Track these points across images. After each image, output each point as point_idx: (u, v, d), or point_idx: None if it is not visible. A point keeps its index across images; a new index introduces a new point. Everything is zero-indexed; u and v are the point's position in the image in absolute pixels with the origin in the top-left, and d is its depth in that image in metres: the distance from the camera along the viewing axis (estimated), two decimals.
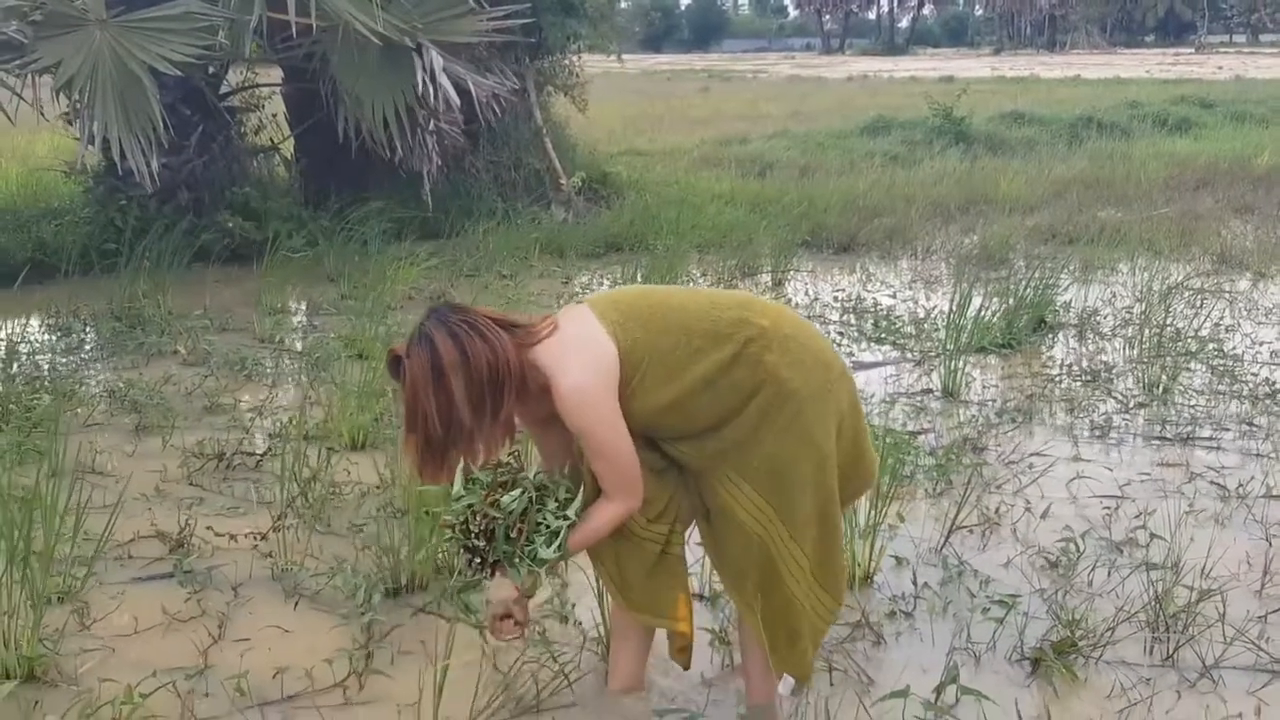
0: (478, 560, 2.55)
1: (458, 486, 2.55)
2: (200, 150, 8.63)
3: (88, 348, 6.29)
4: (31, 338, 6.47)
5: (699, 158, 13.90)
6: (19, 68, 7.22)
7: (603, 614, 3.13)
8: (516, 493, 2.52)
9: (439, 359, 2.42)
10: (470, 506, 2.52)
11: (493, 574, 2.56)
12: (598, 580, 3.09)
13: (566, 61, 11.21)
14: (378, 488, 4.23)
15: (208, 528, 3.85)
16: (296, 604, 3.43)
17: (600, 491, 2.57)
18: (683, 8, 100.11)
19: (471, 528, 2.51)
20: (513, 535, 2.50)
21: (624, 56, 16.08)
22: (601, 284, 7.92)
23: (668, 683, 3.03)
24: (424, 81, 7.90)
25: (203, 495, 4.24)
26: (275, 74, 10.26)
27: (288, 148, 10.40)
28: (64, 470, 4.07)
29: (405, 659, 3.16)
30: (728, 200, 10.38)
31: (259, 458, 4.60)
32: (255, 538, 3.82)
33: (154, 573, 3.63)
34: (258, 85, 10.22)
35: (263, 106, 10.36)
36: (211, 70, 8.83)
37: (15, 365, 5.76)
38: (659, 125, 18.01)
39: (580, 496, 2.56)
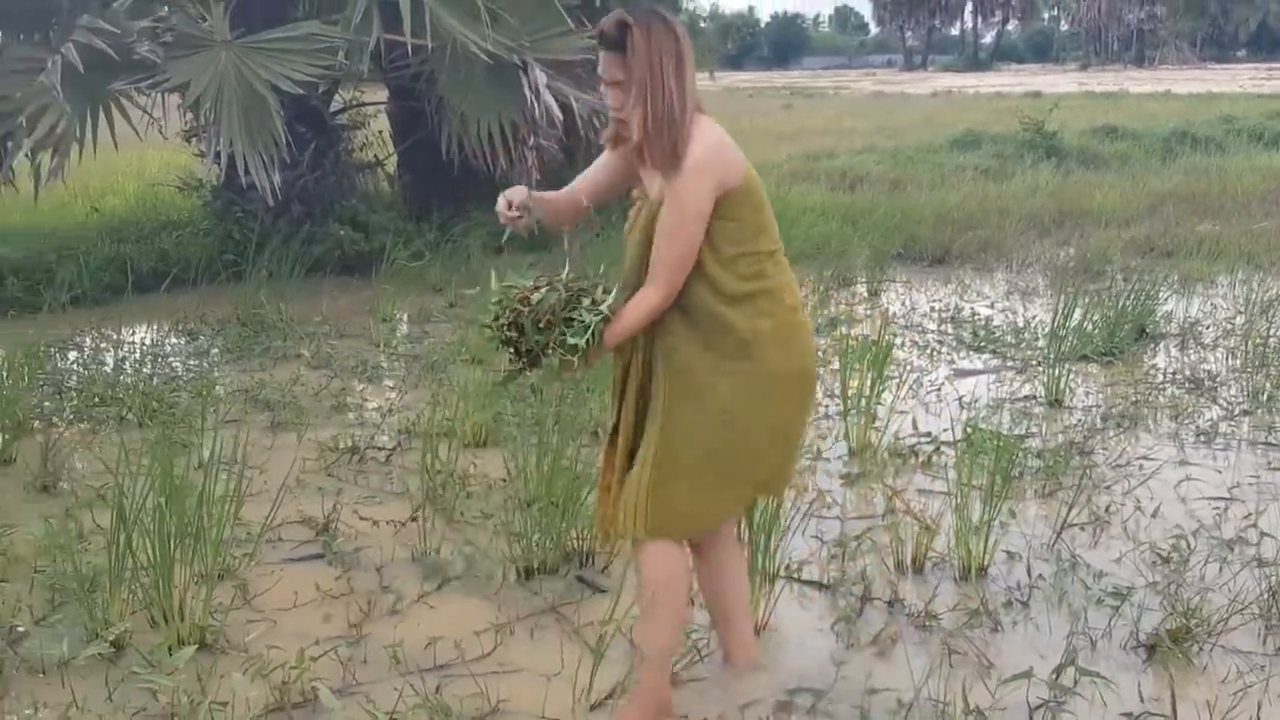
0: (513, 352, 2.63)
1: (495, 289, 2.68)
2: (313, 165, 9.00)
3: (215, 351, 6.62)
4: (163, 342, 6.82)
5: (788, 172, 14.02)
6: (150, 87, 7.62)
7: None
8: (544, 289, 2.62)
9: (683, 46, 2.60)
10: (501, 302, 2.62)
11: (531, 365, 2.65)
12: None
13: None
14: (503, 480, 4.45)
15: (354, 512, 4.10)
16: (440, 585, 3.65)
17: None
18: (763, 25, 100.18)
19: (501, 320, 2.60)
20: (541, 326, 2.57)
21: (702, 74, 16.31)
22: None
23: (797, 661, 3.19)
24: (529, 98, 8.16)
25: (340, 486, 4.49)
26: (381, 93, 10.64)
27: (391, 163, 10.77)
28: (213, 461, 4.34)
29: (543, 634, 3.36)
30: (820, 213, 10.50)
31: (388, 452, 4.85)
32: (395, 525, 4.06)
33: (304, 554, 3.88)
34: (365, 103, 10.60)
35: (368, 124, 10.76)
36: (324, 89, 9.20)
37: (151, 366, 6.10)
38: (744, 141, 17.91)
39: (615, 293, 2.64)
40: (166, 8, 8.10)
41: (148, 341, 6.74)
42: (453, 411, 4.96)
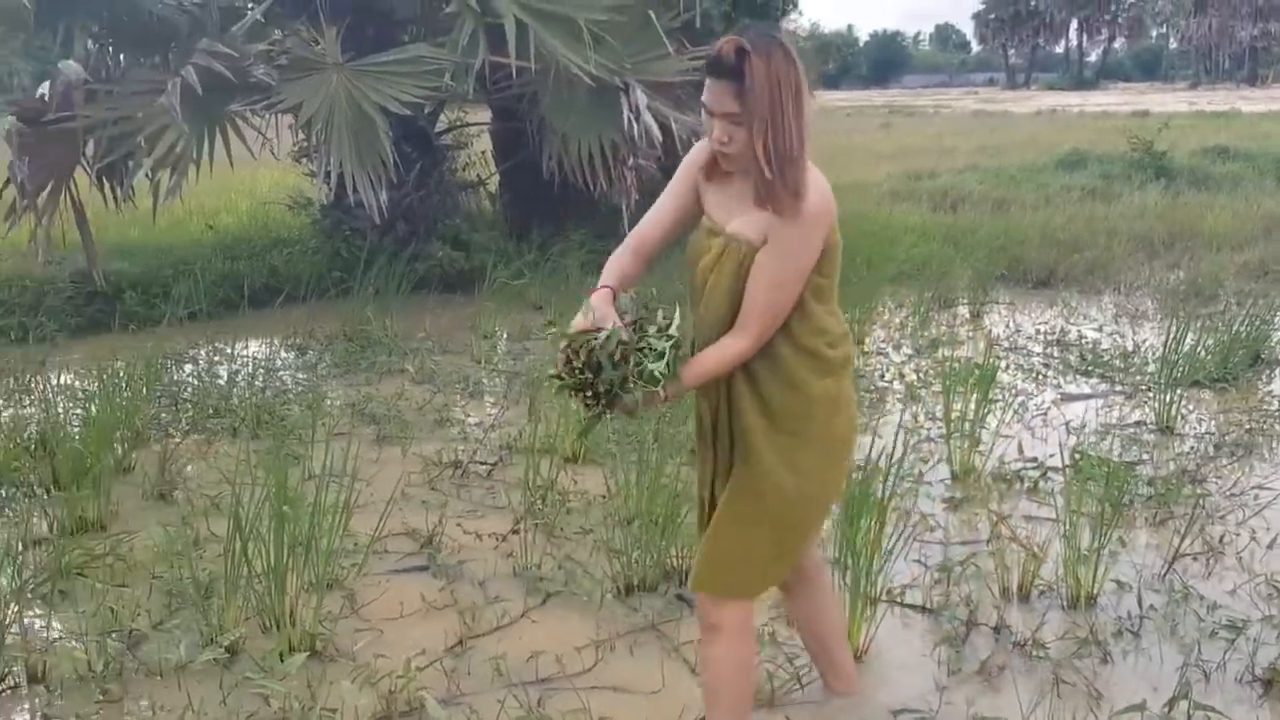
0: (590, 395, 2.44)
1: (555, 335, 2.52)
2: (418, 185, 9.19)
3: (323, 366, 6.79)
4: (273, 356, 7.02)
5: (887, 191, 13.91)
6: (264, 108, 7.85)
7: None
8: (609, 326, 2.41)
9: (802, 76, 2.36)
10: (569, 345, 2.44)
11: (610, 407, 2.45)
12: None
13: None
14: (602, 497, 4.48)
15: (457, 525, 4.18)
16: (545, 600, 3.69)
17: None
18: (861, 44, 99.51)
19: (574, 364, 2.41)
20: (616, 361, 2.39)
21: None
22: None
23: (900, 686, 3.16)
24: (629, 119, 8.23)
25: (444, 499, 4.57)
26: (484, 114, 10.82)
27: (493, 183, 10.95)
28: (324, 473, 4.45)
29: (643, 651, 3.38)
30: (920, 233, 10.39)
31: (490, 467, 4.93)
32: (497, 538, 4.12)
33: (409, 565, 3.95)
34: (469, 124, 10.80)
35: (471, 144, 10.95)
36: (429, 110, 9.40)
37: (262, 380, 6.28)
38: (843, 160, 18.03)
39: (678, 316, 2.47)
40: (281, 32, 8.35)
41: (259, 355, 6.94)
42: (552, 428, 5.02)
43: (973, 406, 5.01)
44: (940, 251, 9.62)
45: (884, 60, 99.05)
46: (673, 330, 2.45)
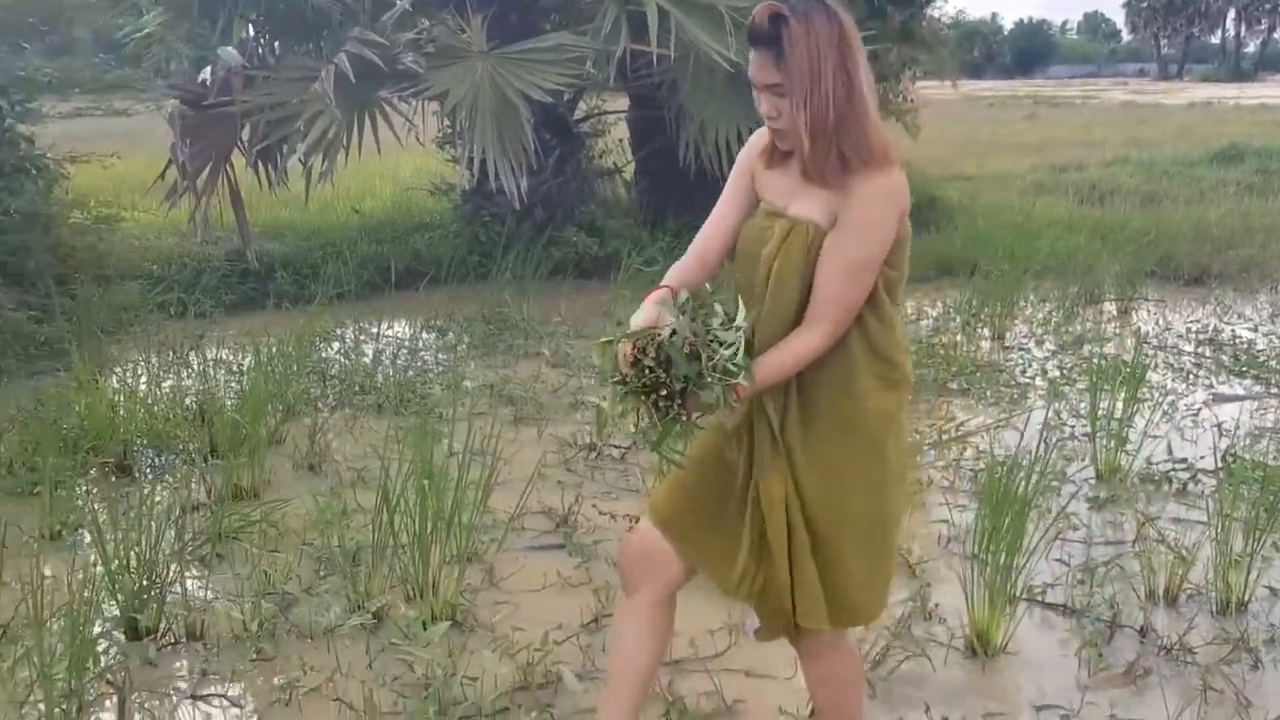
0: (664, 395, 2.15)
1: (614, 337, 2.23)
2: (556, 172, 9.31)
3: (463, 347, 6.95)
4: (416, 337, 7.21)
5: (1031, 183, 13.56)
6: (412, 95, 8.05)
7: (970, 611, 3.25)
8: (671, 320, 2.18)
9: (850, 35, 2.17)
10: (636, 344, 2.16)
11: (684, 406, 2.17)
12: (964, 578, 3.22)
13: (901, 87, 11.26)
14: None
15: (593, 506, 4.25)
16: None
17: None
18: (1005, 32, 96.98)
19: (644, 362, 2.14)
20: (689, 355, 2.13)
21: (946, 83, 15.93)
22: (935, 306, 7.93)
23: (1040, 684, 3.10)
24: None
25: (579, 480, 4.64)
26: (621, 101, 10.91)
27: (629, 170, 11.03)
28: (465, 451, 4.57)
29: None
30: (1066, 226, 10.11)
31: (624, 450, 4.98)
32: (631, 520, 4.17)
33: (546, 543, 4.04)
34: (607, 111, 10.89)
35: (609, 131, 11.04)
36: (569, 97, 9.51)
37: (406, 359, 6.46)
38: (985, 151, 17.65)
39: (742, 307, 2.23)
40: (429, 20, 8.54)
41: (402, 336, 7.14)
42: None
43: (1120, 405, 4.86)
44: (1086, 246, 9.34)
45: (1029, 49, 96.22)
46: (739, 320, 2.20)
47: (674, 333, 2.13)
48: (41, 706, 2.90)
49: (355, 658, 3.26)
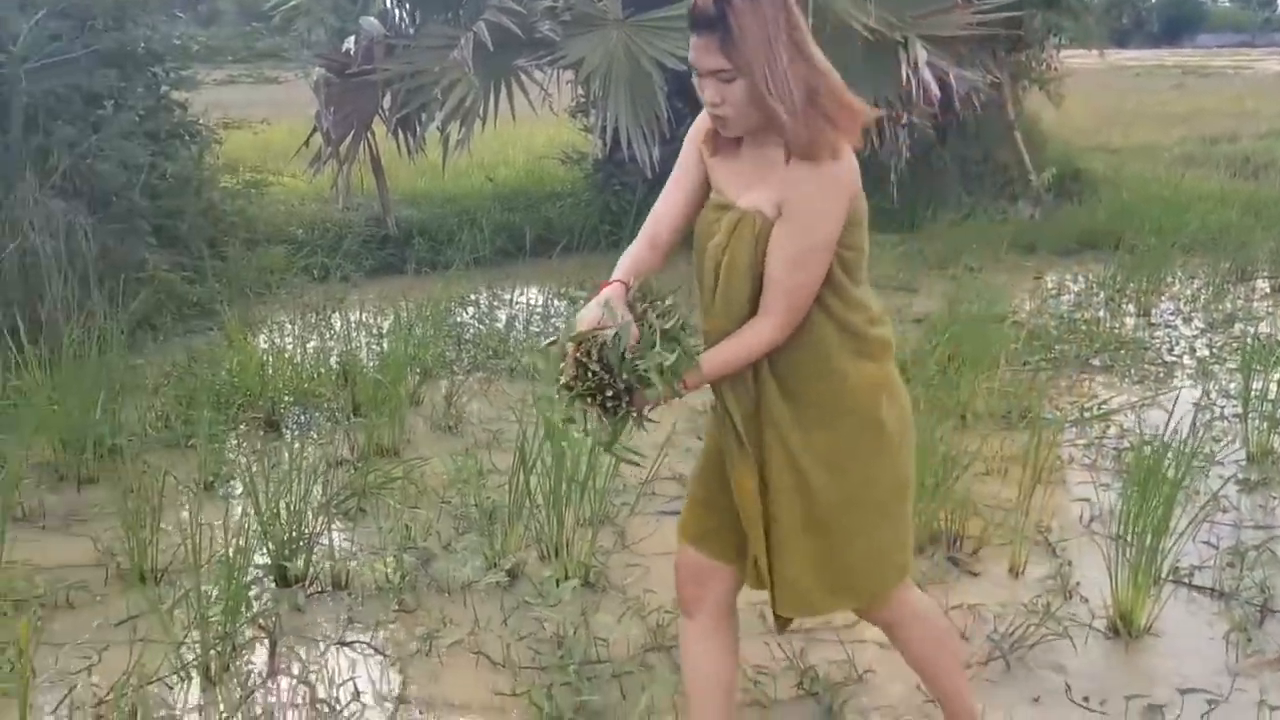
0: (610, 395, 2.12)
1: (553, 350, 2.21)
2: None
3: None
4: (547, 303, 7.30)
5: (1179, 155, 13.04)
6: (548, 63, 8.13)
7: (1113, 591, 3.17)
8: (618, 320, 2.13)
9: (794, 13, 2.11)
10: (579, 348, 2.13)
11: (632, 403, 2.15)
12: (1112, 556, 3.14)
13: (1045, 55, 10.92)
14: None
15: None
16: None
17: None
18: (1154, 0, 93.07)
19: (589, 365, 2.10)
20: (627, 356, 2.11)
21: (1091, 51, 15.33)
22: (1076, 282, 7.70)
23: (1186, 666, 3.02)
24: (907, 75, 8.04)
25: None
26: None
27: None
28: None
29: None
30: (1218, 200, 9.69)
31: None
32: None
33: (675, 509, 4.04)
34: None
35: None
36: None
37: (539, 325, 6.56)
38: (1131, 121, 17.02)
39: (671, 297, 2.21)
40: None
41: (535, 302, 7.24)
42: None
43: (1274, 386, 4.67)
44: (1239, 221, 8.96)
45: (1178, 18, 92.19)
46: (668, 302, 2.18)
47: (616, 335, 2.10)
48: (198, 648, 3.05)
49: (492, 613, 3.34)
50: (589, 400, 2.14)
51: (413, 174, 10.31)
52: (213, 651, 3.04)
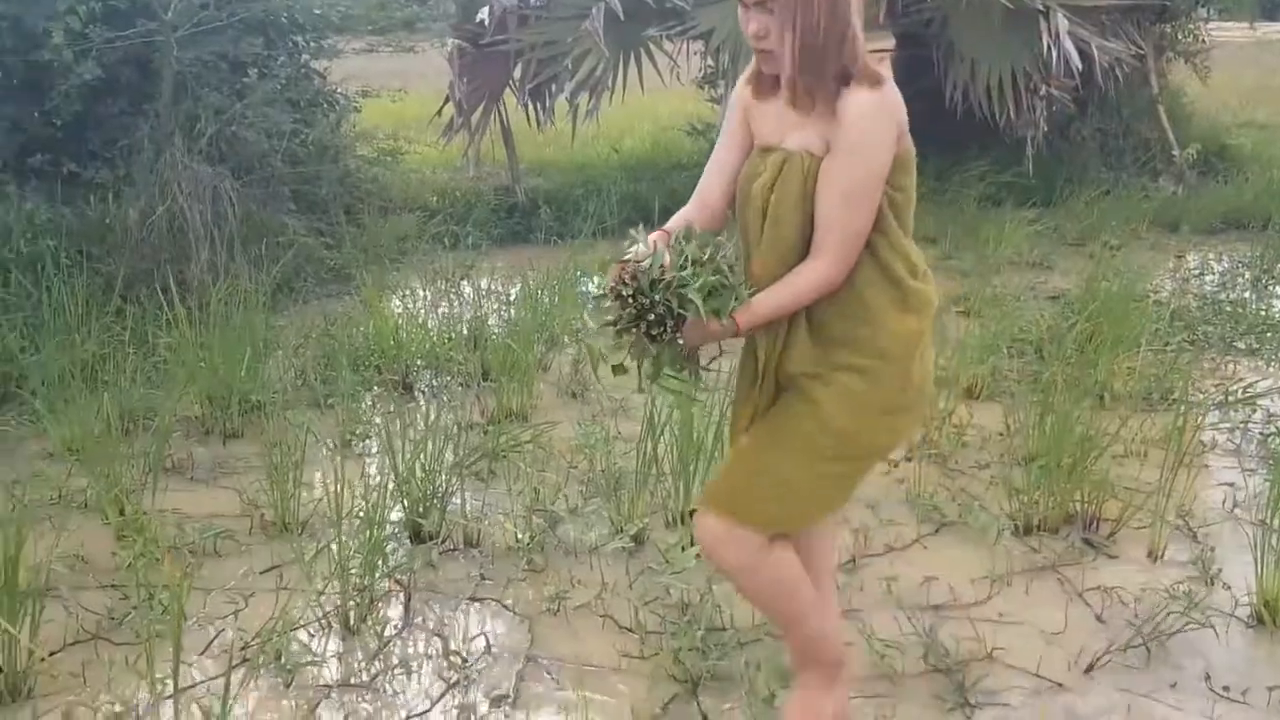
0: (651, 320, 2.10)
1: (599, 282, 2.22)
2: None
3: None
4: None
5: None
6: (677, 34, 8.11)
7: (1259, 579, 3.07)
8: (646, 251, 2.14)
9: None
10: (617, 277, 2.13)
11: (676, 328, 2.13)
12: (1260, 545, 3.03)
13: (1192, 26, 10.48)
14: (1000, 434, 4.37)
15: None
16: (938, 529, 3.68)
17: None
18: None
19: (625, 292, 2.10)
20: (669, 278, 2.08)
21: (1240, 23, 14.67)
22: (1220, 262, 7.41)
23: None
24: (1047, 45, 7.80)
25: None
26: (886, 40, 10.59)
27: None
28: (725, 388, 4.63)
29: (1040, 591, 3.30)
30: None
31: None
32: (888, 464, 4.13)
33: None
34: (872, 50, 10.57)
35: None
36: None
37: None
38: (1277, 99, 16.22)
39: (718, 241, 2.17)
40: None
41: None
42: (948, 360, 4.93)
43: None
44: None
45: None
46: (712, 242, 2.15)
47: (651, 258, 2.10)
48: (338, 598, 3.16)
49: (618, 577, 3.38)
50: (633, 332, 2.13)
51: (539, 144, 10.40)
52: (351, 602, 3.14)
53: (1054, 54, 7.74)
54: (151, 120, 6.34)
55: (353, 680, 2.92)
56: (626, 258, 2.14)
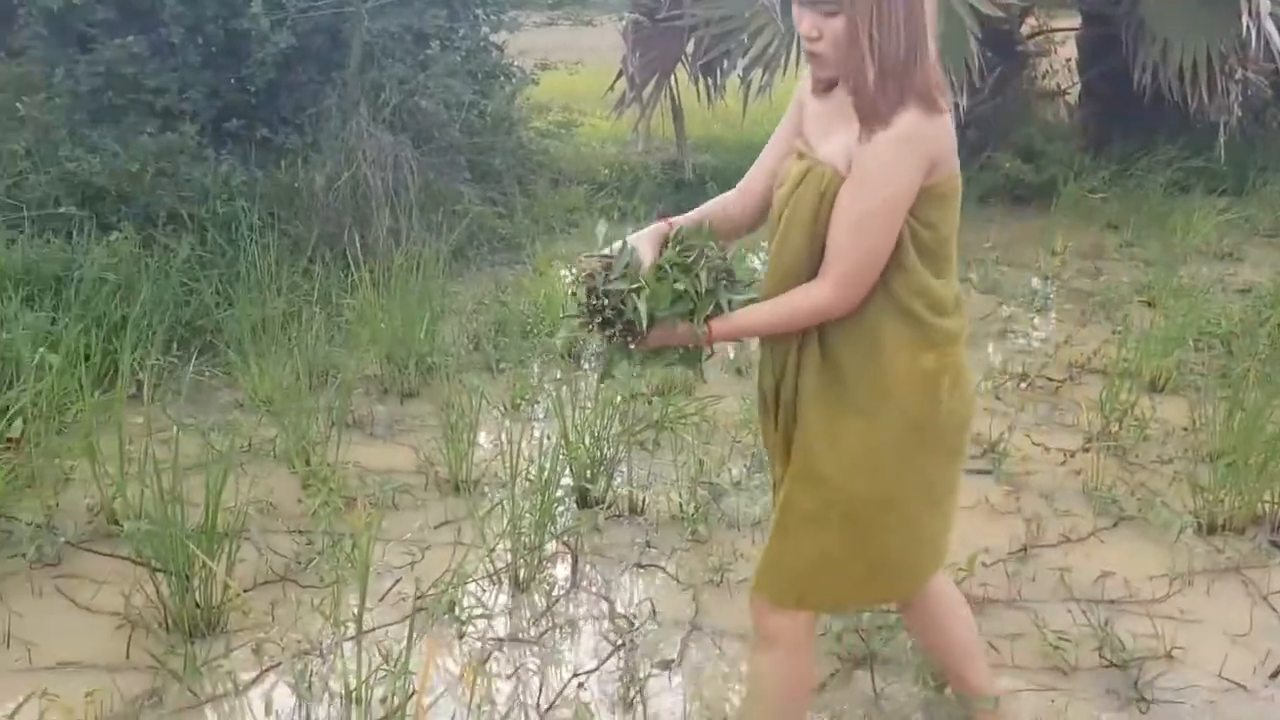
0: (600, 323, 2.05)
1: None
2: (994, 92, 8.90)
3: None
4: None
5: None
6: None
7: None
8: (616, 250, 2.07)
9: None
10: (590, 272, 2.06)
11: (625, 333, 2.05)
12: None
13: None
14: (1184, 429, 4.21)
15: (1025, 436, 4.13)
16: (1116, 523, 3.57)
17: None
18: None
19: (596, 289, 2.04)
20: (617, 285, 2.02)
21: None
22: None
23: None
24: (1247, 25, 7.40)
25: (1008, 409, 4.51)
26: (1072, 19, 10.24)
27: (1074, 93, 10.37)
28: None
29: (1222, 591, 3.18)
30: None
31: (1058, 383, 4.78)
32: (1065, 454, 4.02)
33: (974, 468, 3.94)
34: (1055, 29, 10.27)
35: (1055, 51, 10.42)
36: (1018, 13, 9.04)
37: None
38: None
39: (721, 246, 2.09)
40: None
41: None
42: (1131, 352, 4.75)
43: None
44: None
45: None
46: (712, 249, 2.06)
47: (605, 261, 2.04)
48: (509, 556, 3.26)
49: None
50: (587, 328, 2.09)
51: (708, 120, 10.40)
52: (521, 561, 3.23)
53: (1253, 34, 7.33)
54: (339, 89, 6.58)
55: (520, 635, 3.01)
56: (591, 255, 2.09)
